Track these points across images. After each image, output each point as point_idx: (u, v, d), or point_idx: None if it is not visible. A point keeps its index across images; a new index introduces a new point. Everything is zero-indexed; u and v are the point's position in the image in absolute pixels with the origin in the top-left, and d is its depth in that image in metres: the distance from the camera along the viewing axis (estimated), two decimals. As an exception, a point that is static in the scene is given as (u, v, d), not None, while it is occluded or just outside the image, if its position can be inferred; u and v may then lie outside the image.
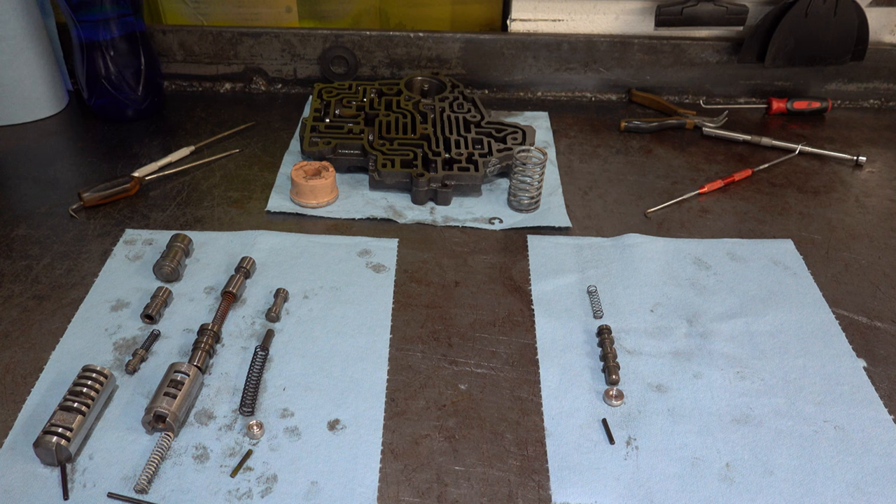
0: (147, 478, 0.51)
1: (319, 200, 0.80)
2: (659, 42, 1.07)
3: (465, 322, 0.67)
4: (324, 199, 0.80)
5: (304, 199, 0.80)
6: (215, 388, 0.60)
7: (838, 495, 0.53)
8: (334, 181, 0.80)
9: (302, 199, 0.80)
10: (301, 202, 0.80)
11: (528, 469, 0.55)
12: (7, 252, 0.74)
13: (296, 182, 0.79)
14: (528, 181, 0.81)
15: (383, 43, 1.06)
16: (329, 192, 0.80)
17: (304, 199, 0.80)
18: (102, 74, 0.94)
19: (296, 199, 0.80)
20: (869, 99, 1.11)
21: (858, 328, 0.68)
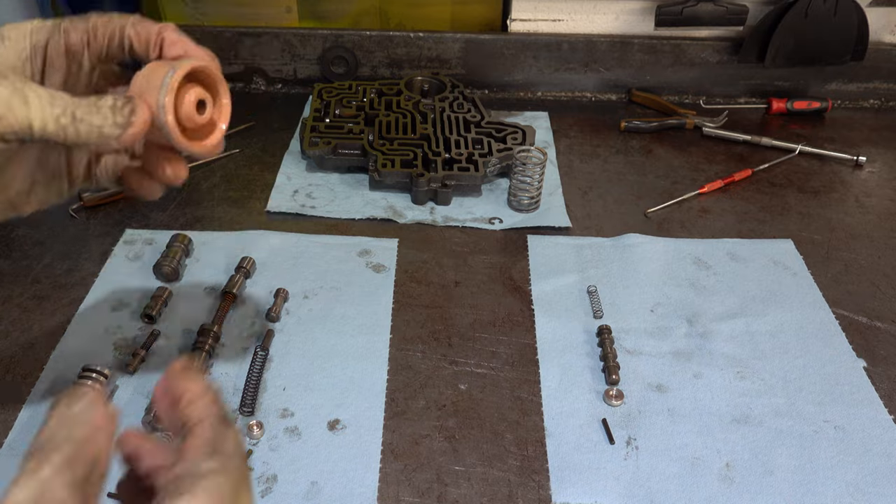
0: (147, 478, 0.51)
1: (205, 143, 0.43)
2: (659, 42, 1.07)
3: (465, 322, 0.67)
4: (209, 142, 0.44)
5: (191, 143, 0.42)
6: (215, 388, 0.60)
7: (838, 495, 0.53)
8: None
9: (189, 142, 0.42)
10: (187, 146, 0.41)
11: (528, 469, 0.55)
12: (7, 252, 0.74)
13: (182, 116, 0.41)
14: (528, 181, 0.81)
15: (383, 43, 1.06)
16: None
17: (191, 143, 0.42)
18: (102, 74, 0.94)
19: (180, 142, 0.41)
20: (869, 99, 1.11)
21: (858, 328, 0.68)
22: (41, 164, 0.42)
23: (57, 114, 0.34)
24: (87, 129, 0.34)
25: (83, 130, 0.34)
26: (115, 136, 0.35)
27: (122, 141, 0.36)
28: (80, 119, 0.34)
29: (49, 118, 0.34)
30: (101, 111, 0.35)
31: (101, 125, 0.35)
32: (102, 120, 0.35)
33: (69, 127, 0.34)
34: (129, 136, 0.36)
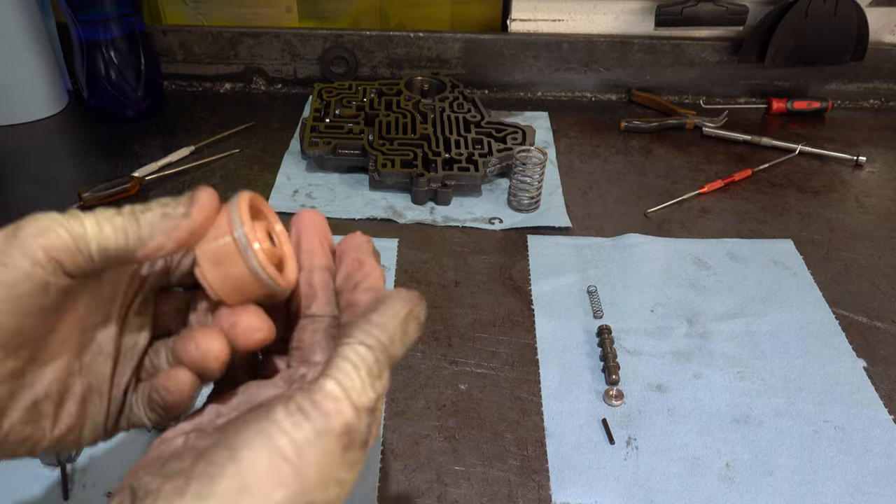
0: (147, 478, 0.51)
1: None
2: (659, 42, 1.07)
3: (465, 322, 0.67)
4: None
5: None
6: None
7: (838, 495, 0.53)
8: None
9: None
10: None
11: (528, 469, 0.55)
12: (7, 252, 0.74)
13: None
14: (528, 181, 0.81)
15: (383, 43, 1.06)
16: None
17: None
18: (102, 74, 0.94)
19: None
20: (869, 99, 1.11)
21: (858, 328, 0.68)
22: (84, 366, 0.32)
23: (112, 214, 0.29)
24: (150, 217, 0.29)
25: (146, 221, 0.29)
26: (183, 213, 0.30)
27: (191, 219, 0.30)
28: (141, 211, 0.29)
29: (104, 220, 0.28)
30: (160, 202, 0.30)
31: (164, 210, 0.30)
32: (162, 207, 0.30)
33: (129, 224, 0.28)
34: (199, 211, 0.30)
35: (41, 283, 0.27)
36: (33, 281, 0.26)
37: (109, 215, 0.28)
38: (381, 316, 0.29)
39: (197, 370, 0.31)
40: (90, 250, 0.27)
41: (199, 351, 0.30)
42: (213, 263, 0.30)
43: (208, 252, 0.30)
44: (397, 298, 0.30)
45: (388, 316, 0.29)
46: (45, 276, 0.27)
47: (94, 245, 0.27)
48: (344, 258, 0.34)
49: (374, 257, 0.34)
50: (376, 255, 0.34)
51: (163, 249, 0.29)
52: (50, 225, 0.27)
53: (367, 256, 0.34)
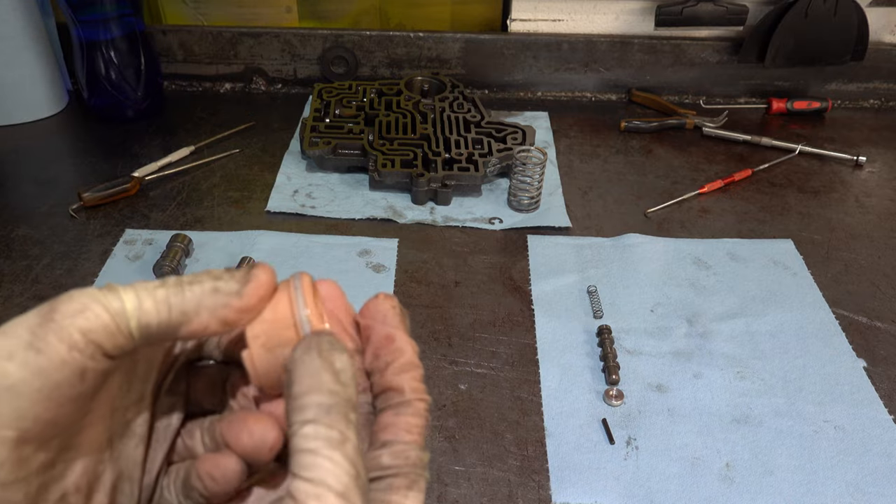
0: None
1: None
2: (659, 42, 1.07)
3: (465, 322, 0.67)
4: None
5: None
6: (215, 388, 0.60)
7: (838, 495, 0.53)
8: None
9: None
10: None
11: (528, 469, 0.55)
12: (7, 252, 0.74)
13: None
14: (528, 181, 0.81)
15: (383, 43, 1.06)
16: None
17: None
18: (102, 74, 0.94)
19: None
20: (869, 99, 1.11)
21: (858, 328, 0.68)
22: (115, 452, 0.29)
23: (154, 286, 0.26)
24: (199, 291, 0.26)
25: (193, 295, 0.26)
26: (236, 290, 0.26)
27: (244, 299, 0.27)
28: (188, 283, 0.26)
29: (145, 294, 0.25)
30: (210, 273, 0.27)
31: (215, 284, 0.26)
32: (214, 280, 0.27)
33: (173, 296, 0.26)
34: (255, 289, 0.27)
35: (79, 369, 0.24)
36: (71, 367, 0.24)
37: (151, 287, 0.26)
38: (299, 385, 0.25)
39: (247, 458, 0.29)
40: (129, 328, 0.25)
41: (253, 439, 0.28)
42: (266, 349, 0.27)
43: (261, 335, 0.27)
44: (301, 352, 0.26)
45: (305, 377, 0.25)
46: (84, 360, 0.24)
47: (133, 322, 0.25)
48: (371, 333, 0.30)
49: (404, 325, 0.30)
50: (405, 319, 0.30)
51: (208, 329, 0.26)
52: (87, 303, 0.25)
53: (396, 329, 0.30)
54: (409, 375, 0.28)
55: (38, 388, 0.23)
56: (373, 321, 0.30)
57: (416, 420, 0.27)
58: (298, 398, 0.24)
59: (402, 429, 0.27)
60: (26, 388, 0.23)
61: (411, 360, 0.29)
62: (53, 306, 0.25)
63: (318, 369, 0.25)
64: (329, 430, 0.23)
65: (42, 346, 0.24)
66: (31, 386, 0.23)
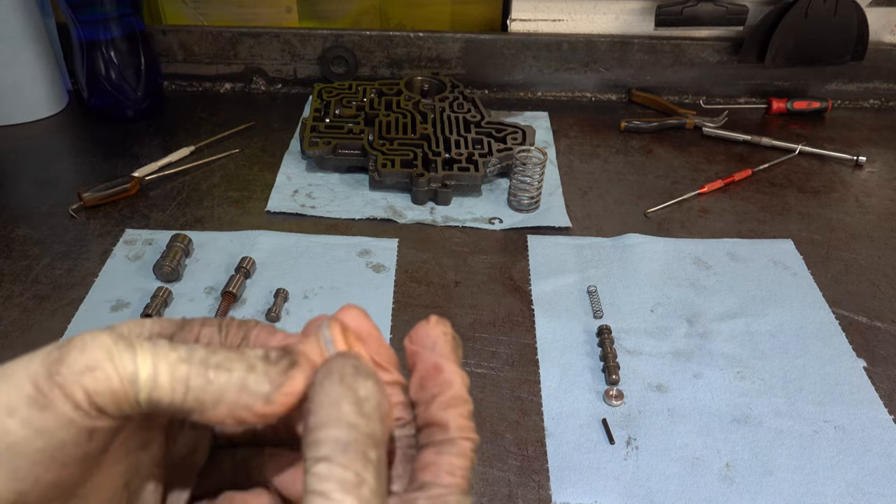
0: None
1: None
2: (659, 42, 1.07)
3: (465, 322, 0.67)
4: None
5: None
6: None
7: (838, 495, 0.53)
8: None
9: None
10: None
11: (528, 469, 0.55)
12: (7, 252, 0.74)
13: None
14: (528, 181, 0.81)
15: (383, 43, 1.06)
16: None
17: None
18: (102, 74, 0.94)
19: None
20: (869, 99, 1.11)
21: (858, 328, 0.68)
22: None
23: (176, 358, 0.23)
24: (224, 382, 0.23)
25: (216, 386, 0.23)
26: (265, 394, 0.23)
27: (271, 406, 0.24)
28: (215, 366, 0.23)
29: (164, 366, 0.22)
30: (245, 359, 0.24)
31: (244, 379, 0.23)
32: (247, 371, 0.23)
33: (194, 378, 0.23)
34: (285, 397, 0.24)
35: (87, 429, 0.22)
36: (77, 427, 0.22)
37: (174, 359, 0.23)
38: (316, 415, 0.22)
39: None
40: (138, 399, 0.22)
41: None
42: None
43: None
44: (322, 376, 0.23)
45: (323, 406, 0.22)
46: (91, 421, 0.22)
47: (143, 395, 0.22)
48: (418, 360, 0.28)
49: (455, 355, 0.28)
50: (457, 348, 0.28)
51: (223, 423, 0.23)
52: (99, 360, 0.22)
53: (445, 360, 0.27)
54: (456, 411, 0.26)
55: (40, 447, 0.21)
56: (421, 348, 0.28)
57: (460, 461, 0.25)
58: (314, 431, 0.22)
59: (444, 470, 0.25)
60: (28, 447, 0.21)
61: (460, 395, 0.27)
62: (61, 356, 0.22)
63: (338, 398, 0.22)
64: (344, 471, 0.21)
65: (46, 402, 0.21)
66: (32, 446, 0.21)
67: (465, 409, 0.26)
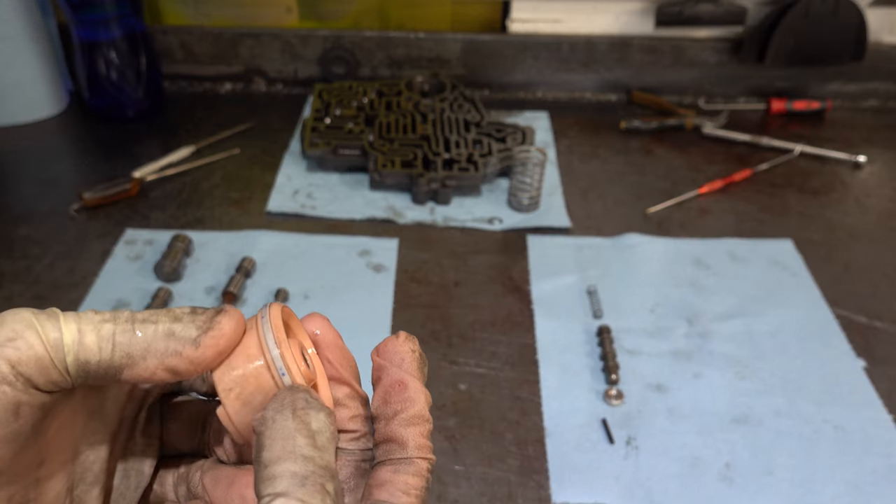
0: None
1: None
2: (659, 42, 1.07)
3: (465, 322, 0.68)
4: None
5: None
6: (215, 388, 0.60)
7: (838, 495, 0.53)
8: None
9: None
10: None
11: (528, 469, 0.55)
12: (7, 252, 0.74)
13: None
14: (528, 181, 0.81)
15: (383, 43, 1.06)
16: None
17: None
18: (103, 74, 0.94)
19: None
20: (869, 99, 1.11)
21: (858, 328, 0.68)
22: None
23: (101, 319, 0.22)
24: (151, 333, 0.23)
25: (143, 337, 0.22)
26: (193, 338, 0.23)
27: (200, 350, 0.23)
28: (141, 320, 0.23)
29: (88, 326, 0.22)
30: (170, 313, 0.23)
31: (171, 327, 0.23)
32: (172, 321, 0.23)
33: (120, 334, 0.22)
34: (213, 339, 0.23)
35: (11, 405, 0.21)
36: (1, 403, 0.21)
37: (98, 320, 0.22)
38: (269, 450, 0.22)
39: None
40: (65, 363, 0.22)
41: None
42: (243, 402, 0.24)
43: (235, 387, 0.24)
44: (272, 411, 0.23)
45: (277, 441, 0.22)
46: (16, 395, 0.21)
47: (70, 357, 0.22)
48: (384, 375, 0.27)
49: (421, 372, 0.28)
50: (423, 366, 0.28)
51: (154, 377, 0.23)
52: (20, 330, 0.21)
53: (411, 377, 0.27)
54: (416, 430, 0.26)
55: None
56: (388, 363, 0.28)
57: (416, 481, 0.25)
58: (269, 466, 0.21)
59: (400, 489, 0.24)
60: None
61: (421, 413, 0.26)
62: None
63: (291, 431, 0.22)
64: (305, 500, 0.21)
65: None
66: None
67: (425, 428, 0.26)
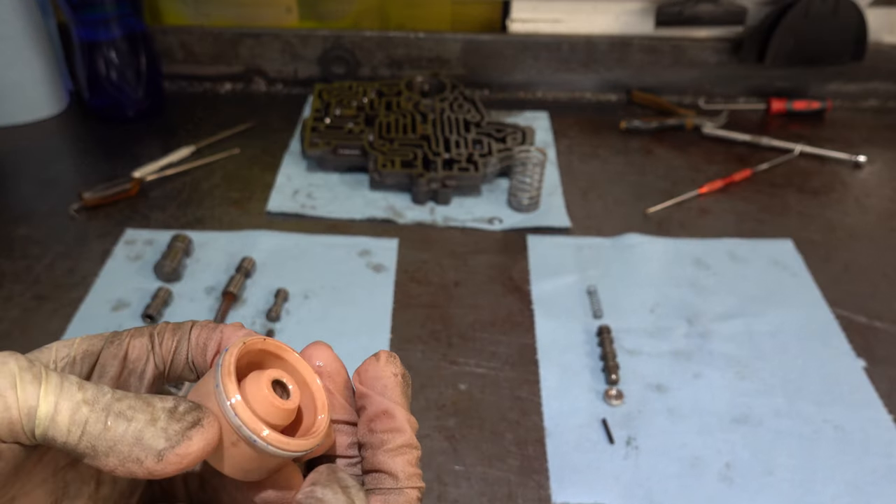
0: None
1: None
2: (659, 42, 1.07)
3: (465, 322, 0.68)
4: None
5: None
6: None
7: (838, 495, 0.53)
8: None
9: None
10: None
11: (528, 469, 0.55)
12: (7, 252, 0.75)
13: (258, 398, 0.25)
14: (528, 181, 0.81)
15: (383, 43, 1.06)
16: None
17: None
18: (103, 74, 0.94)
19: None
20: (869, 99, 1.11)
21: (858, 328, 0.68)
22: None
23: (81, 399, 0.22)
24: (121, 432, 0.22)
25: (112, 434, 0.22)
26: (158, 451, 0.22)
27: (161, 465, 0.22)
28: (117, 413, 0.22)
29: (65, 405, 0.22)
30: (150, 409, 0.23)
31: (142, 431, 0.22)
32: (147, 422, 0.22)
33: (92, 423, 0.22)
34: (177, 458, 0.23)
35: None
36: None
37: (78, 399, 0.22)
38: None
39: None
40: (33, 433, 0.22)
41: None
42: (224, 450, 0.24)
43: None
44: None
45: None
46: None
47: (39, 430, 0.22)
48: (368, 403, 0.27)
49: (405, 397, 0.27)
50: (407, 389, 0.28)
51: (115, 472, 0.23)
52: (3, 388, 0.21)
53: (396, 405, 0.27)
54: (404, 459, 0.26)
55: None
56: (371, 391, 0.27)
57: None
58: None
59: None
60: None
61: (409, 442, 0.27)
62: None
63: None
64: None
65: None
66: None
67: (413, 456, 0.26)
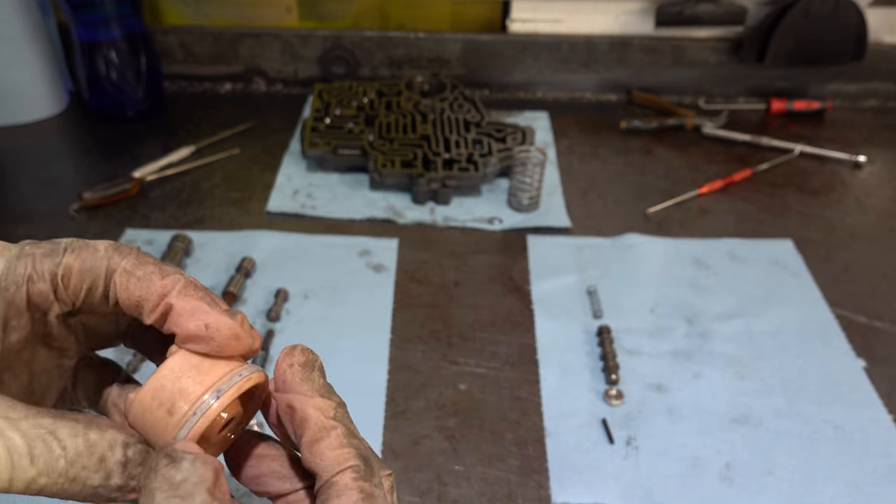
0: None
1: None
2: (659, 42, 1.07)
3: (465, 322, 0.68)
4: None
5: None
6: (215, 388, 0.60)
7: (838, 495, 0.53)
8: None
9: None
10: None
11: (528, 469, 0.55)
12: (7, 252, 0.74)
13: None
14: (528, 181, 0.81)
15: (383, 43, 1.06)
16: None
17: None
18: (103, 74, 0.94)
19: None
20: (869, 99, 1.11)
21: (858, 328, 0.68)
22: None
23: (34, 474, 0.22)
24: (77, 491, 0.23)
25: (71, 492, 0.23)
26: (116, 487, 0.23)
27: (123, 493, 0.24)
28: (71, 479, 0.23)
29: (21, 475, 0.22)
30: (104, 465, 0.23)
31: (98, 489, 0.23)
32: (102, 480, 0.23)
33: (50, 488, 0.22)
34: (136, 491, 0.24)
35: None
36: None
37: (32, 474, 0.22)
38: None
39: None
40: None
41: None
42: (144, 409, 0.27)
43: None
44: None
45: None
46: None
47: (5, 475, 0.22)
48: (279, 405, 0.27)
49: (306, 381, 0.27)
50: (307, 368, 0.27)
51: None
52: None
53: (294, 394, 0.26)
54: (320, 447, 0.24)
55: None
56: (277, 391, 0.26)
57: (346, 500, 0.23)
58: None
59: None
60: None
61: (321, 425, 0.25)
62: None
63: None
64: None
65: None
66: None
67: (331, 438, 0.24)
